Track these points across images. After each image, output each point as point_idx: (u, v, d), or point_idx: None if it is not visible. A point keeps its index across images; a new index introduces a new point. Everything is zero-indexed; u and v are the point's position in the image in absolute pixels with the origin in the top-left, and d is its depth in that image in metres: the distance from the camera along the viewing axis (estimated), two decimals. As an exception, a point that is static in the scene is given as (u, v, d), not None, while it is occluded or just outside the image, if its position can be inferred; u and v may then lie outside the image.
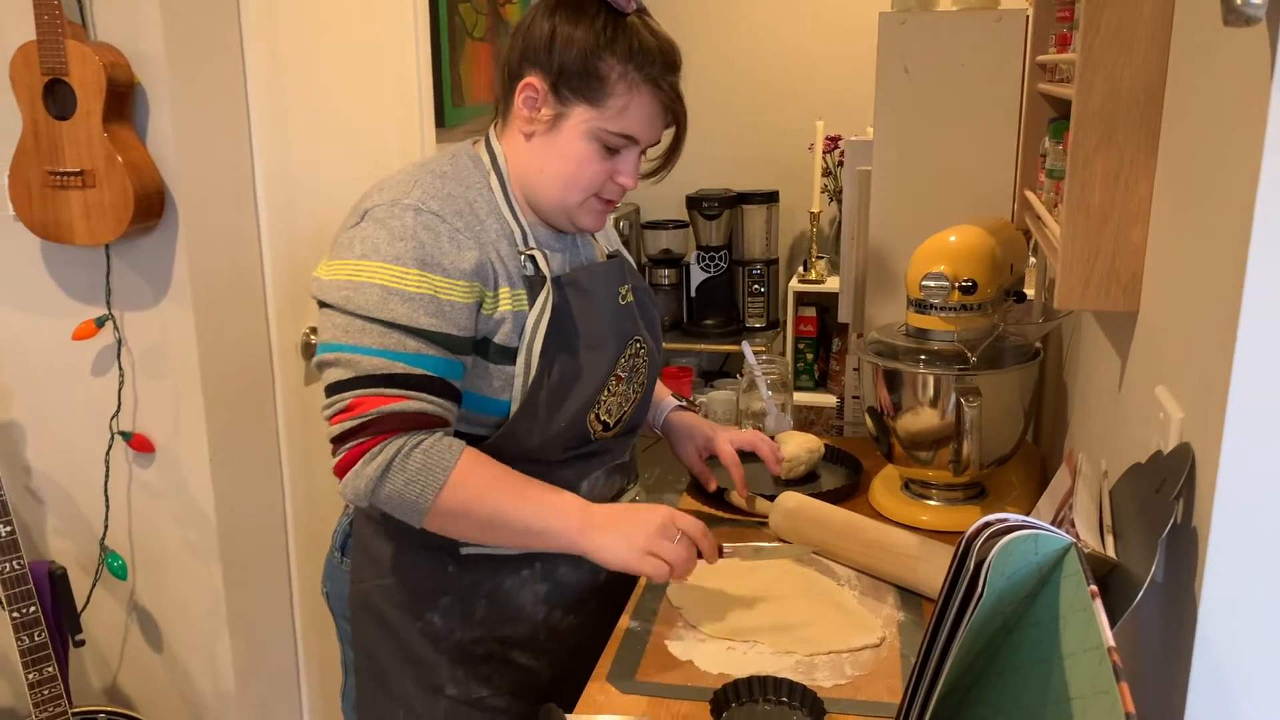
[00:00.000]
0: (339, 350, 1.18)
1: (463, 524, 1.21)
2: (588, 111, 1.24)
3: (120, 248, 1.94)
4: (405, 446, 1.17)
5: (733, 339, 3.52)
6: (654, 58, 1.24)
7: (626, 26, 1.23)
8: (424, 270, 1.18)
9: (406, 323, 1.17)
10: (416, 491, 1.17)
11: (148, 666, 2.14)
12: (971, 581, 0.76)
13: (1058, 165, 1.37)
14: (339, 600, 1.44)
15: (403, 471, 1.16)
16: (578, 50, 1.22)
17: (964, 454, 1.44)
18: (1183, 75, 0.98)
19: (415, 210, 1.21)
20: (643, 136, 1.27)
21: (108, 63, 1.78)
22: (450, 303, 1.19)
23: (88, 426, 2.02)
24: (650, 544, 1.20)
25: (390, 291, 1.17)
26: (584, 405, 1.31)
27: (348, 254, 1.21)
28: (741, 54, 3.58)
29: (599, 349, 1.32)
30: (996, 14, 1.83)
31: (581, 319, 1.30)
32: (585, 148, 1.25)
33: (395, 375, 1.17)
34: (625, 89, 1.23)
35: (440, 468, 1.17)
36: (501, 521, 1.21)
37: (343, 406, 1.18)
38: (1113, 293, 1.10)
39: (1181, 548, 0.86)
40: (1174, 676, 0.85)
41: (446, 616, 1.33)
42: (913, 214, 1.90)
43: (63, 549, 2.10)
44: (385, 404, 1.16)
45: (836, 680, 1.18)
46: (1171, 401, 0.92)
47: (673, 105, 1.27)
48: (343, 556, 1.42)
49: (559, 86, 1.23)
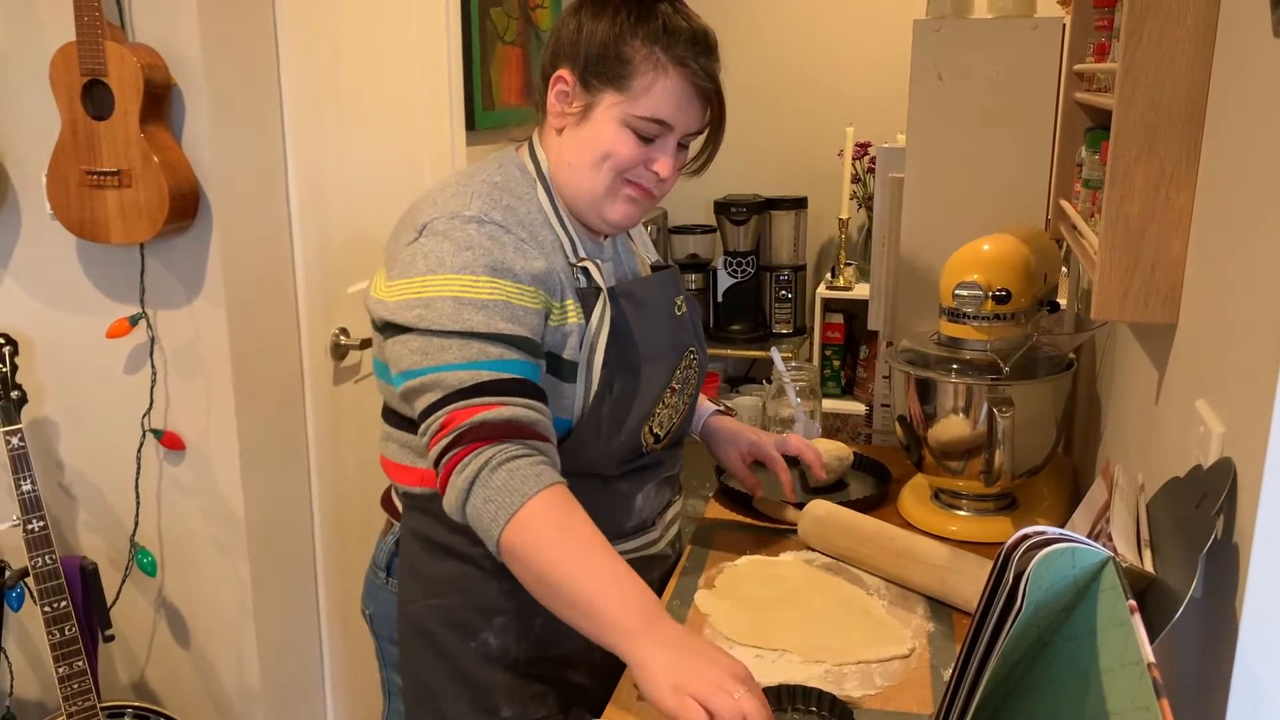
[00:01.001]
0: (424, 374, 1.14)
1: (521, 571, 1.09)
2: (615, 97, 1.21)
3: (155, 247, 1.96)
4: (495, 459, 1.09)
5: (759, 345, 3.51)
6: (683, 37, 1.21)
7: (654, 12, 1.21)
8: (495, 277, 1.15)
9: (484, 330, 1.13)
10: (491, 514, 1.08)
11: (175, 662, 2.15)
12: (1010, 593, 0.75)
13: (1094, 175, 1.36)
14: (384, 623, 1.39)
15: (485, 487, 1.09)
16: (602, 37, 1.20)
17: (996, 464, 1.43)
18: (1227, 85, 0.97)
19: (479, 221, 1.18)
20: (675, 121, 1.22)
21: (145, 64, 1.79)
22: (524, 308, 1.16)
23: (120, 424, 2.04)
24: (702, 693, 0.95)
25: (462, 302, 1.14)
26: (642, 418, 1.29)
27: (412, 271, 1.16)
28: (771, 59, 3.57)
29: (657, 361, 1.30)
30: (1033, 22, 1.82)
31: (639, 331, 1.28)
32: (615, 132, 1.22)
33: (484, 383, 1.12)
34: (650, 69, 1.20)
35: (519, 493, 1.07)
36: (552, 582, 1.06)
37: (438, 426, 1.12)
38: (1151, 304, 1.09)
39: (1221, 564, 0.85)
40: (1212, 695, 0.84)
41: (502, 636, 1.29)
42: (945, 222, 1.89)
43: (94, 545, 2.12)
44: (477, 413, 1.11)
45: (866, 690, 1.17)
46: (1212, 415, 0.91)
47: (703, 86, 1.22)
48: (388, 577, 1.37)
49: (587, 76, 1.22)
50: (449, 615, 1.30)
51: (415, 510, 1.32)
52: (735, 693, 0.95)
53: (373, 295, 1.22)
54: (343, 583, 2.33)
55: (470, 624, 1.30)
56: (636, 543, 1.36)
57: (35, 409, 2.07)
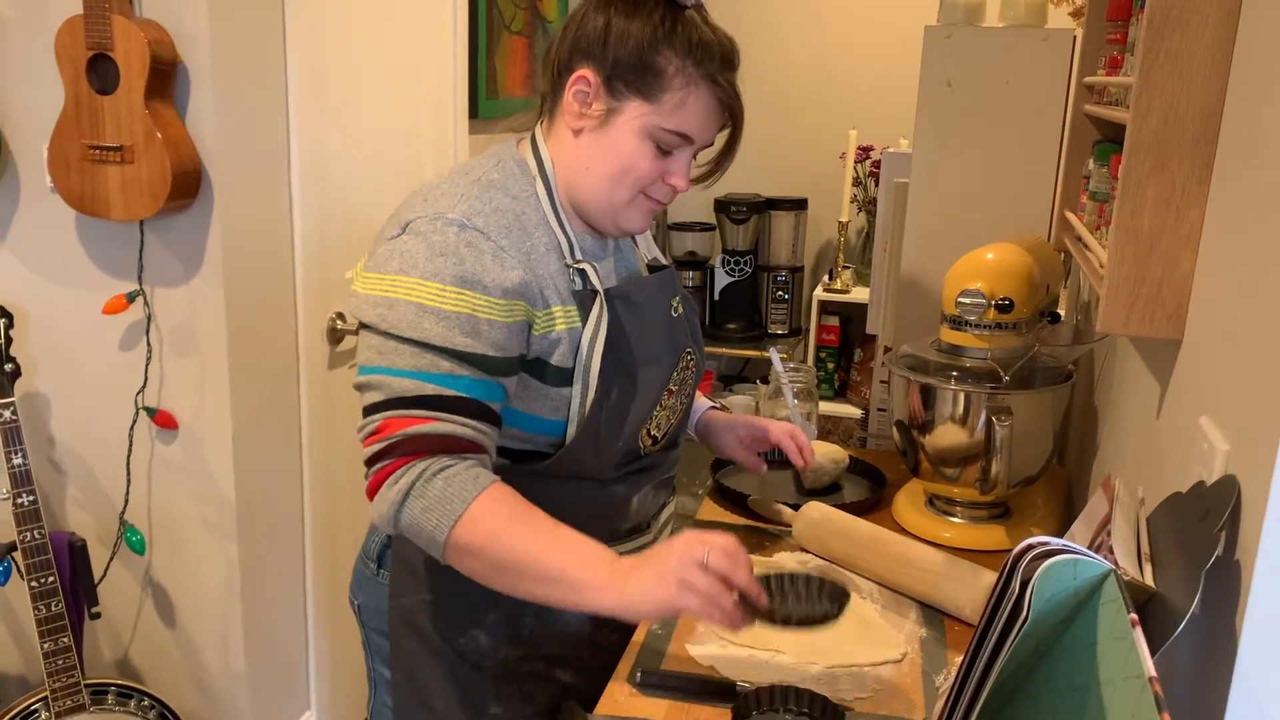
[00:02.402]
0: (374, 373, 1.14)
1: (477, 564, 1.10)
2: (642, 107, 1.18)
3: (155, 224, 1.95)
4: (428, 471, 1.10)
5: (754, 344, 3.51)
6: (714, 53, 1.19)
7: (685, 20, 1.18)
8: (462, 288, 1.13)
9: (440, 343, 1.12)
10: (433, 522, 1.09)
11: (159, 641, 2.15)
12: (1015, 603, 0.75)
13: (1101, 188, 1.36)
14: (374, 615, 1.38)
15: (421, 498, 1.09)
16: (634, 43, 1.16)
17: (992, 473, 1.43)
18: (1243, 103, 0.98)
19: (460, 226, 1.15)
20: (698, 136, 1.21)
21: (152, 39, 1.78)
22: (489, 321, 1.14)
23: (113, 400, 2.03)
24: (683, 572, 1.04)
25: (425, 310, 1.12)
26: (640, 422, 1.28)
27: (385, 267, 1.15)
28: (775, 61, 3.57)
29: (654, 364, 1.29)
30: (1044, 33, 1.82)
31: (635, 334, 1.26)
32: (637, 145, 1.20)
33: (425, 397, 1.12)
34: (682, 84, 1.18)
35: (459, 498, 1.09)
36: (517, 565, 1.08)
37: (373, 429, 1.13)
38: (1157, 319, 1.09)
39: (1222, 581, 0.85)
40: (1209, 712, 0.84)
41: (493, 634, 1.29)
42: (948, 228, 1.89)
43: (82, 521, 2.11)
44: (411, 425, 1.11)
45: (858, 693, 1.17)
46: (1217, 433, 0.92)
47: (731, 104, 1.22)
48: (379, 569, 1.36)
49: (613, 80, 1.18)
50: (440, 611, 1.30)
51: None
52: (704, 555, 1.04)
53: (352, 286, 1.21)
54: (331, 568, 2.33)
55: (462, 621, 1.29)
56: (631, 545, 1.35)
57: (28, 383, 2.06)
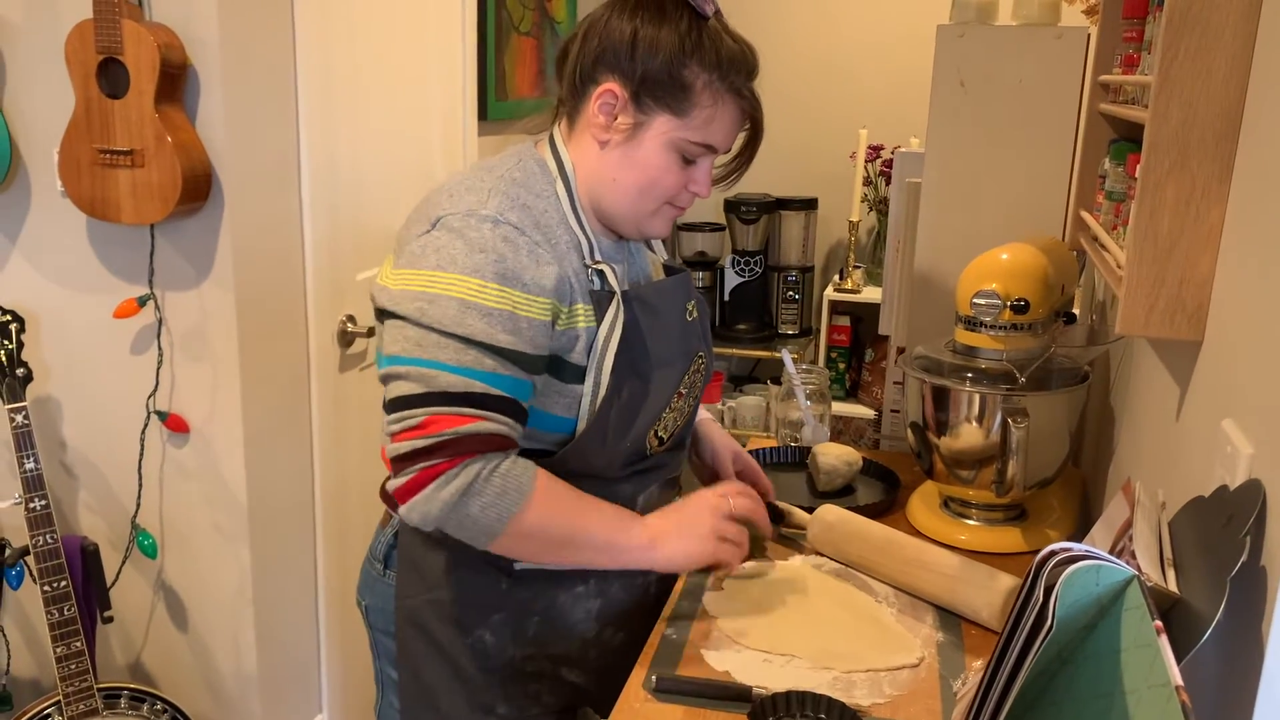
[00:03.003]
0: (411, 364, 1.12)
1: (533, 545, 1.19)
2: (670, 122, 1.19)
3: (165, 228, 1.95)
4: (485, 470, 1.12)
5: (765, 345, 3.50)
6: (739, 65, 1.20)
7: (709, 31, 1.19)
8: (503, 285, 1.13)
9: (484, 339, 1.12)
10: (494, 516, 1.13)
11: (172, 645, 2.15)
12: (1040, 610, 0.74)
13: (1118, 187, 1.35)
14: (380, 615, 1.38)
15: (480, 496, 1.12)
16: (664, 56, 1.16)
17: (1008, 475, 1.42)
18: (1264, 103, 0.96)
19: (494, 222, 1.15)
20: (722, 146, 1.23)
21: (162, 43, 1.78)
22: (529, 319, 1.14)
23: (124, 405, 2.03)
24: (717, 525, 1.25)
25: (468, 305, 1.11)
26: (649, 423, 1.28)
27: (421, 264, 1.14)
28: (784, 61, 3.56)
29: (667, 367, 1.29)
30: (1057, 31, 1.81)
31: (650, 337, 1.26)
32: (664, 158, 1.21)
33: (473, 394, 1.11)
34: (711, 99, 1.19)
35: (518, 491, 1.14)
36: (577, 542, 1.20)
37: (414, 424, 1.11)
38: (1177, 321, 1.08)
39: (1247, 587, 0.84)
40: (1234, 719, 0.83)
41: (499, 634, 1.29)
42: (961, 229, 1.88)
43: (94, 525, 2.11)
44: (463, 424, 1.11)
45: (875, 699, 1.16)
46: (1240, 436, 0.90)
47: (753, 113, 1.24)
48: (385, 569, 1.36)
49: (641, 95, 1.18)
50: (447, 611, 1.30)
51: None
52: (728, 507, 1.27)
53: (378, 282, 1.20)
54: (342, 571, 2.32)
55: (468, 621, 1.29)
56: None
57: (40, 387, 2.06)
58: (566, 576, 1.30)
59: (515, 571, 1.29)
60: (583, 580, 1.32)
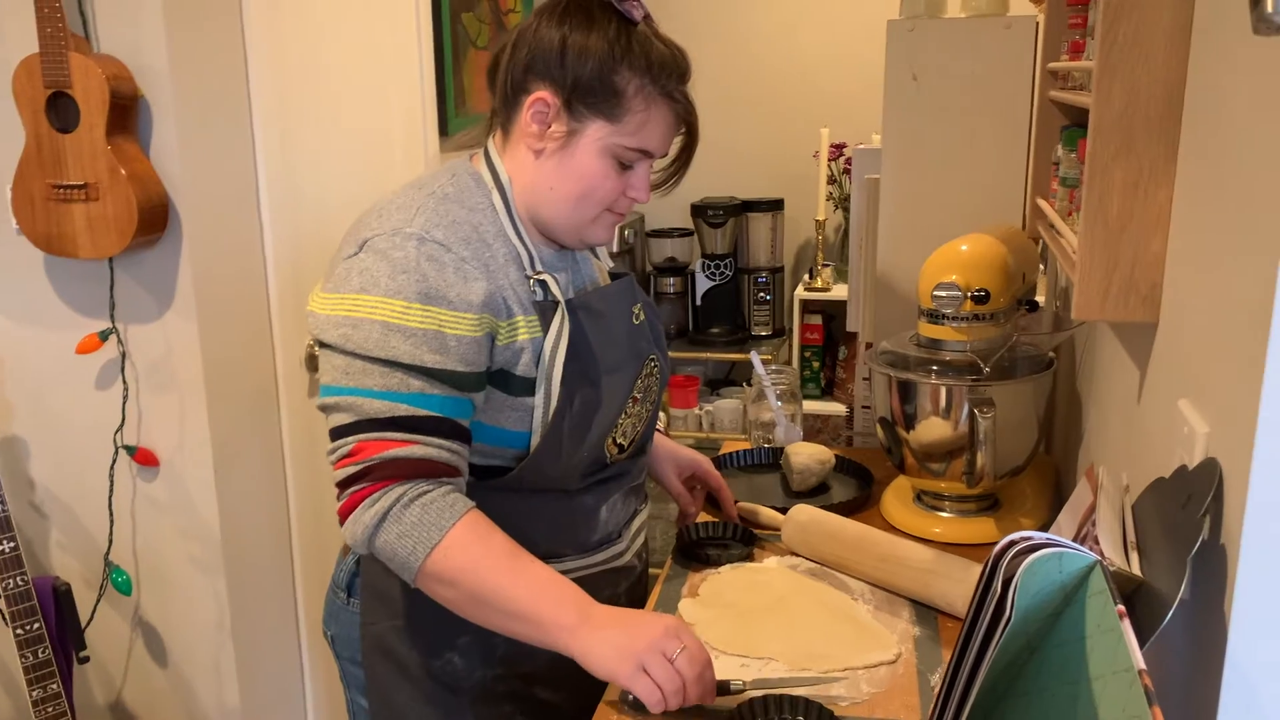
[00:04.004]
0: (341, 394, 1.13)
1: (450, 593, 1.13)
2: (604, 128, 1.19)
3: (124, 261, 1.93)
4: (405, 496, 1.11)
5: (738, 347, 3.50)
6: (670, 69, 1.19)
7: (638, 36, 1.18)
8: (427, 304, 1.12)
9: (409, 361, 1.11)
10: (409, 548, 1.10)
11: (152, 682, 2.12)
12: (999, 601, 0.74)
13: (1071, 173, 1.35)
14: (347, 644, 1.37)
15: (398, 523, 1.10)
16: (593, 63, 1.16)
17: (978, 465, 1.42)
18: (1204, 82, 0.97)
19: (419, 240, 1.14)
20: (658, 150, 1.23)
21: (111, 75, 1.77)
22: (457, 337, 1.13)
23: (91, 441, 2.01)
24: (647, 658, 1.07)
25: (391, 328, 1.11)
26: (605, 431, 1.27)
27: (345, 287, 1.14)
28: (745, 62, 3.56)
29: (617, 372, 1.28)
30: (1006, 21, 1.82)
31: (598, 343, 1.25)
32: (600, 165, 1.20)
33: (399, 418, 1.11)
34: (643, 104, 1.19)
35: (436, 526, 1.10)
36: (488, 599, 1.11)
37: (346, 451, 1.12)
38: (1132, 303, 1.09)
39: (1209, 566, 0.84)
40: (1203, 698, 0.83)
41: (467, 656, 1.28)
42: (922, 222, 1.88)
43: (67, 564, 2.08)
44: (388, 449, 1.11)
45: (853, 698, 1.16)
46: (1196, 415, 0.91)
47: (687, 116, 1.23)
48: (349, 598, 1.35)
49: (573, 102, 1.18)
50: (413, 636, 1.29)
51: None
52: (674, 652, 1.08)
53: (309, 307, 1.20)
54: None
55: (435, 644, 1.28)
56: (602, 556, 1.34)
57: (4, 427, 2.03)
58: None
59: None
60: None
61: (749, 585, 1.41)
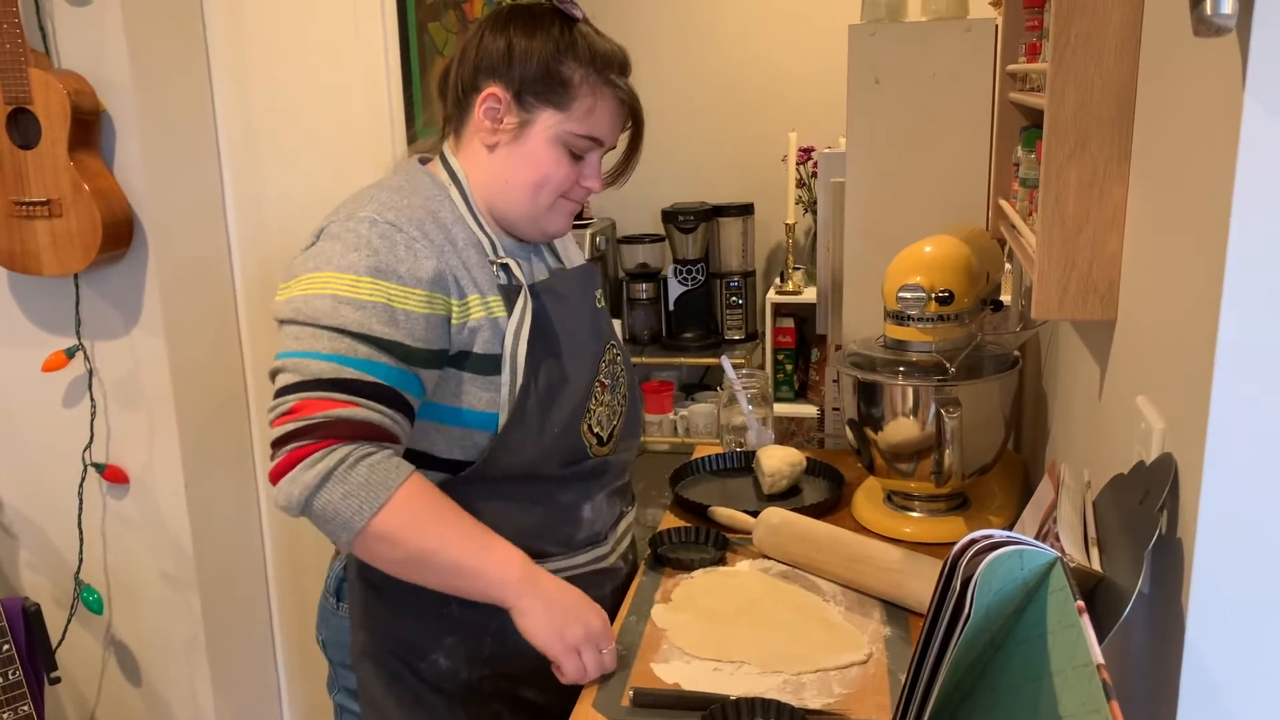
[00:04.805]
0: (288, 357, 1.14)
1: (391, 553, 1.14)
2: (554, 115, 1.24)
3: (89, 277, 1.92)
4: (351, 456, 1.11)
5: (712, 352, 3.51)
6: (612, 61, 1.26)
7: (580, 32, 1.26)
8: (377, 278, 1.15)
9: (357, 329, 1.13)
10: (354, 507, 1.10)
11: (126, 701, 2.10)
12: (958, 600, 0.75)
13: (1031, 174, 1.37)
14: (337, 649, 1.38)
15: (343, 483, 1.10)
16: (540, 57, 1.23)
17: (945, 465, 1.43)
18: (1153, 83, 0.98)
19: (371, 221, 1.19)
20: (607, 138, 1.29)
21: (72, 90, 1.76)
22: (405, 311, 1.16)
23: (60, 459, 1.99)
24: (580, 642, 1.17)
25: (341, 300, 1.14)
26: (574, 413, 1.29)
27: (301, 270, 1.18)
28: (713, 68, 3.58)
29: (581, 353, 1.31)
30: (966, 24, 1.83)
31: (561, 325, 1.29)
32: (552, 153, 1.25)
33: (343, 380, 1.12)
34: (589, 91, 1.25)
35: (384, 485, 1.11)
36: (433, 556, 1.15)
37: (285, 409, 1.12)
38: (1090, 302, 1.10)
39: (1167, 559, 0.85)
40: (1164, 688, 0.84)
41: (453, 657, 1.29)
42: (887, 225, 1.90)
43: (36, 584, 2.06)
44: (332, 408, 1.11)
45: (825, 699, 1.16)
46: (1153, 411, 0.92)
47: (632, 104, 1.29)
48: (339, 602, 1.37)
49: (523, 94, 1.24)
50: (399, 639, 1.30)
51: None
52: (603, 649, 1.19)
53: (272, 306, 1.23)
54: (298, 611, 2.29)
55: (421, 647, 1.29)
56: (587, 556, 1.35)
57: (-30, 447, 2.02)
58: None
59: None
60: None
61: (721, 589, 1.42)
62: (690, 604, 1.38)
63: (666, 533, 1.54)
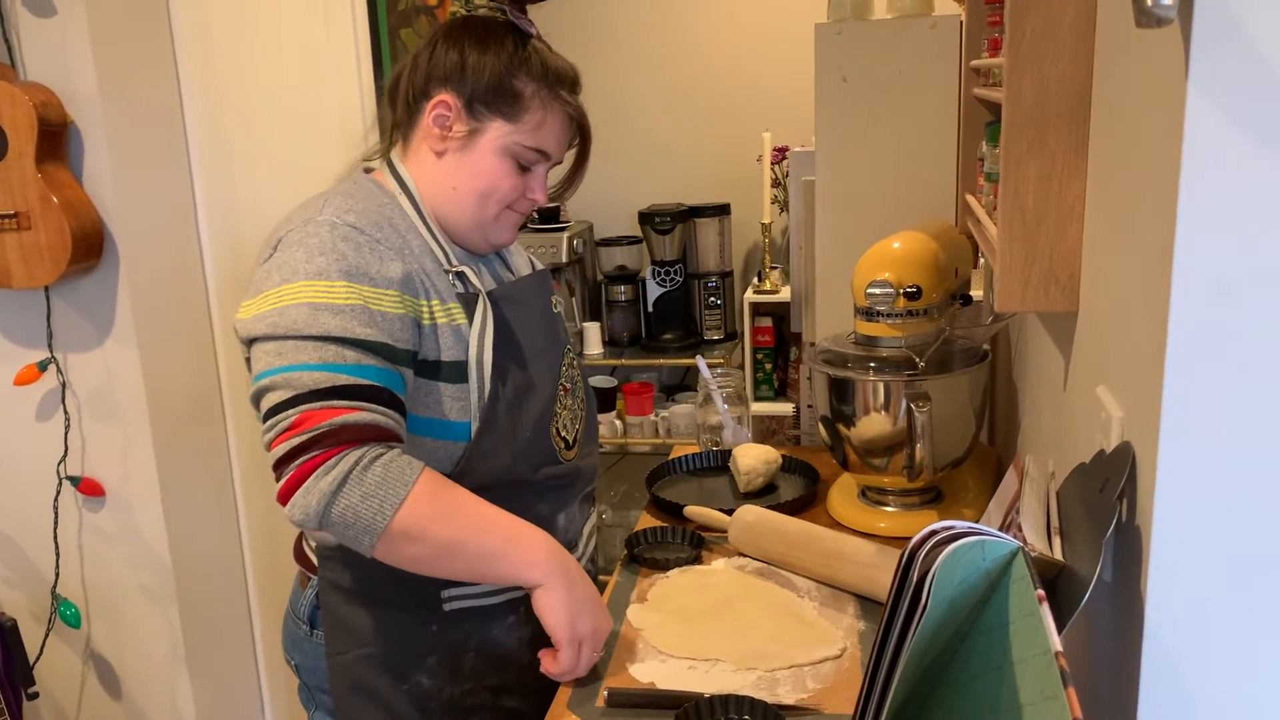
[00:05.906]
0: (275, 374, 1.10)
1: (417, 549, 1.12)
2: (504, 127, 1.26)
3: (60, 289, 1.91)
4: (365, 459, 1.08)
5: (691, 352, 3.51)
6: (563, 77, 1.28)
7: (533, 47, 1.27)
8: (350, 280, 1.13)
9: (341, 334, 1.11)
10: (374, 508, 1.08)
11: (106, 715, 2.09)
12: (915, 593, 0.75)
13: (995, 168, 1.38)
14: (313, 673, 1.36)
15: (360, 485, 1.07)
16: (493, 70, 1.24)
17: (917, 459, 1.44)
18: (1107, 76, 0.99)
19: (331, 225, 1.17)
20: (554, 152, 1.31)
21: (39, 102, 1.75)
22: (382, 312, 1.14)
23: (34, 473, 1.98)
24: (585, 636, 1.18)
25: (318, 307, 1.11)
26: (542, 416, 1.29)
27: (266, 285, 1.15)
28: (687, 69, 3.58)
29: (542, 357, 1.32)
30: (931, 20, 1.85)
31: (521, 330, 1.30)
32: (500, 164, 1.26)
33: (340, 387, 1.09)
34: (540, 105, 1.26)
35: (401, 482, 1.09)
36: (461, 547, 1.14)
37: (286, 425, 1.08)
38: (1051, 293, 1.11)
39: (1127, 547, 0.86)
40: (1126, 674, 0.85)
41: (435, 675, 1.28)
42: (858, 222, 1.91)
43: (12, 599, 2.05)
44: (337, 415, 1.08)
45: (799, 695, 1.17)
46: (1112, 400, 0.93)
47: (580, 120, 1.31)
48: (312, 630, 1.34)
49: (474, 103, 1.25)
50: (380, 663, 1.28)
51: (332, 561, 1.28)
52: (599, 649, 1.21)
53: (235, 320, 1.19)
54: (279, 622, 2.28)
55: (402, 668, 1.28)
56: None
57: (-57, 463, 2.00)
58: (498, 610, 1.30)
59: (445, 612, 1.27)
60: (513, 611, 1.31)
61: (696, 588, 1.42)
62: (665, 603, 1.38)
63: (642, 533, 1.55)
